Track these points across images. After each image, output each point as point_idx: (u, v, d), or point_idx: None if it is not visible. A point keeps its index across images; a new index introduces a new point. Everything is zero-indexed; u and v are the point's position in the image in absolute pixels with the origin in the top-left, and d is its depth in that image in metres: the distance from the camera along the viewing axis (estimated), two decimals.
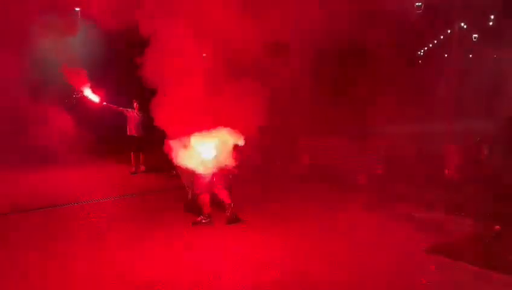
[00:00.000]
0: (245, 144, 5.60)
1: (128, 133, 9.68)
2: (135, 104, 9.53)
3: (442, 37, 16.81)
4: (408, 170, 8.58)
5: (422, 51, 19.23)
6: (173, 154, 5.78)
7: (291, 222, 5.96)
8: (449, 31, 13.97)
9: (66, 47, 8.00)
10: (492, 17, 16.08)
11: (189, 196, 6.42)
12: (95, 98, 7.78)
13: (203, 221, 5.84)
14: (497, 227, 5.10)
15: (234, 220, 5.88)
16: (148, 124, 7.53)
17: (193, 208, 6.13)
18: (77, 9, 8.83)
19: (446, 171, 6.26)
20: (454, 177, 6.54)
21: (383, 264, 4.55)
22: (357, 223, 5.93)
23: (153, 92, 5.68)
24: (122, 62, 9.44)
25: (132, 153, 9.78)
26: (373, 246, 5.05)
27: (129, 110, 9.56)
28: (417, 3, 11.67)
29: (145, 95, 6.69)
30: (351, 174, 6.77)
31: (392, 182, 7.30)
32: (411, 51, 19.10)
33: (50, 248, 4.95)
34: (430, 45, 18.56)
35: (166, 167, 7.55)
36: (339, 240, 5.23)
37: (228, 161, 5.73)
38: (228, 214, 5.91)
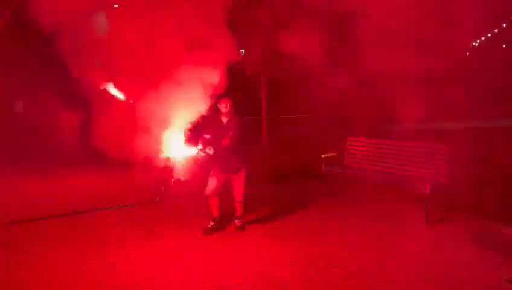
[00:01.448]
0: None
1: None
2: None
3: (505, 25, 15.26)
4: (477, 176, 7.47)
5: (478, 41, 17.65)
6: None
7: (342, 237, 5.22)
8: None
9: None
10: None
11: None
12: (120, 95, 6.91)
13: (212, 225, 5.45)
14: None
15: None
16: None
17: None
18: None
19: None
20: None
21: None
22: (420, 242, 5.05)
23: None
24: None
25: None
26: (442, 274, 4.20)
27: None
28: None
29: None
30: (408, 181, 5.88)
31: (458, 191, 6.30)
32: (463, 42, 17.61)
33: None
34: (489, 35, 16.97)
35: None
36: (398, 267, 4.42)
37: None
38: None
